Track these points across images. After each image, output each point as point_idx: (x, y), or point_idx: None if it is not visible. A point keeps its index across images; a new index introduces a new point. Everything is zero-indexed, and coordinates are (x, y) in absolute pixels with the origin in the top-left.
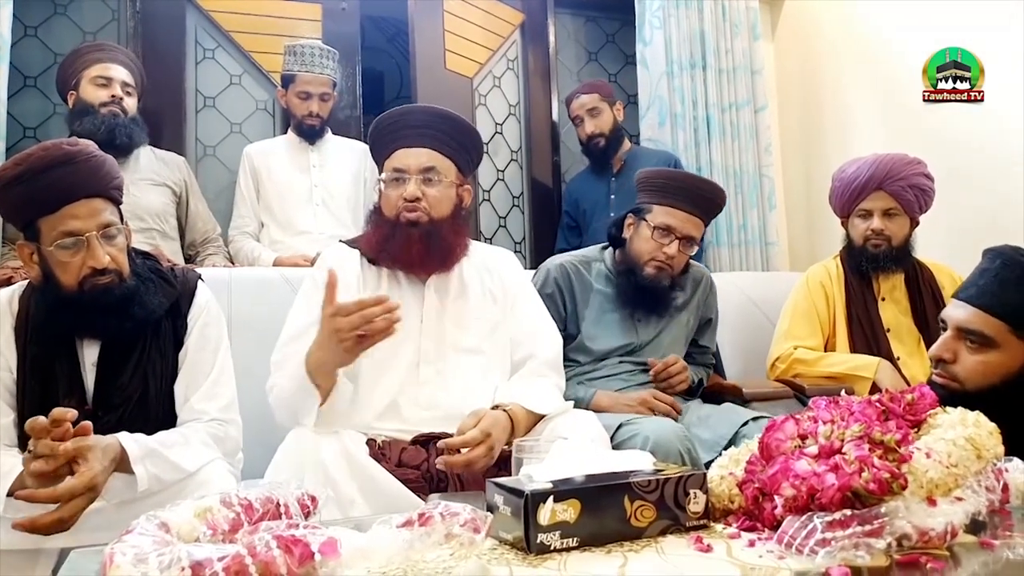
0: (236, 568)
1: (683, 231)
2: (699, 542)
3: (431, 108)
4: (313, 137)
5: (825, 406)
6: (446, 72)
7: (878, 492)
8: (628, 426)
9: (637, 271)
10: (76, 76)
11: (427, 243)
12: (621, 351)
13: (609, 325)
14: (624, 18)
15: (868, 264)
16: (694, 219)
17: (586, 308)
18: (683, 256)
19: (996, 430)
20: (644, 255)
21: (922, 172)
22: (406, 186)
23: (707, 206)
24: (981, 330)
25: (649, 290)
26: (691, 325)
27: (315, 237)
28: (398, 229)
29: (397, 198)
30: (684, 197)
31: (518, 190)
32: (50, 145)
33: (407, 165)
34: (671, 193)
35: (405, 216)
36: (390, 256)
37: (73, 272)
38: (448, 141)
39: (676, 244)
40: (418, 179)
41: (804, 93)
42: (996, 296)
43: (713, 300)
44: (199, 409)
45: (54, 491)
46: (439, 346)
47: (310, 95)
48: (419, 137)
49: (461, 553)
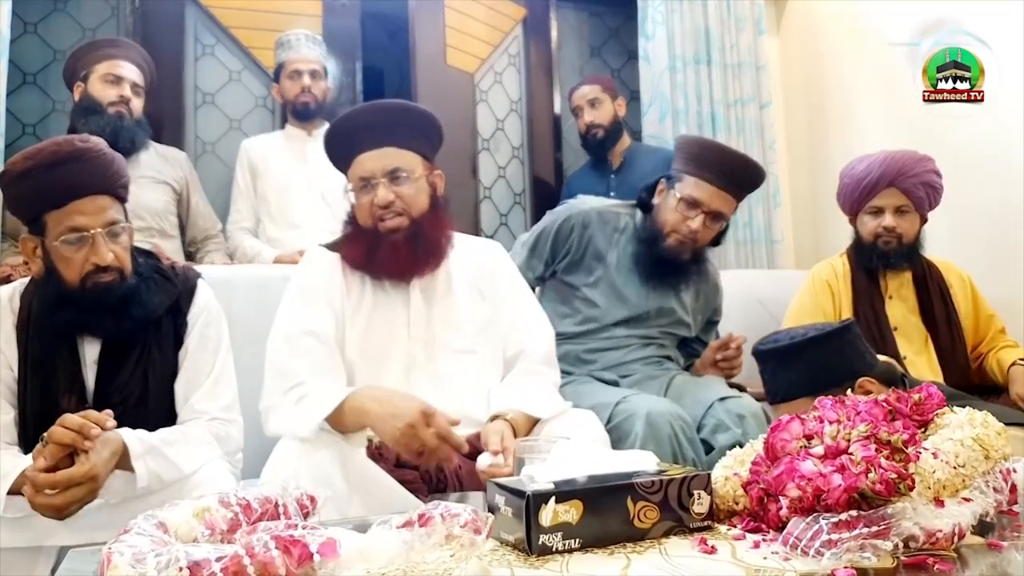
0: (234, 568)
1: (711, 206)
2: (703, 544)
3: (379, 104)
4: (309, 117)
5: (831, 406)
6: (447, 68)
7: (885, 493)
8: (623, 404)
9: (659, 240)
10: (87, 69)
11: (412, 245)
12: (627, 320)
13: (624, 285)
14: (627, 12)
15: (879, 261)
16: (724, 195)
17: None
18: (708, 231)
19: (1004, 430)
20: (668, 225)
21: (932, 169)
22: (376, 191)
23: (741, 182)
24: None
25: (667, 262)
26: (699, 322)
27: (312, 231)
28: (379, 238)
29: (370, 205)
30: (717, 170)
31: (520, 187)
32: (62, 140)
33: (371, 171)
34: (704, 165)
35: (383, 225)
36: (378, 268)
37: (76, 268)
38: (406, 133)
39: (702, 219)
40: (386, 181)
41: (809, 89)
42: (784, 387)
43: (720, 301)
44: (200, 408)
45: (52, 476)
46: (430, 349)
47: (300, 72)
48: (375, 138)
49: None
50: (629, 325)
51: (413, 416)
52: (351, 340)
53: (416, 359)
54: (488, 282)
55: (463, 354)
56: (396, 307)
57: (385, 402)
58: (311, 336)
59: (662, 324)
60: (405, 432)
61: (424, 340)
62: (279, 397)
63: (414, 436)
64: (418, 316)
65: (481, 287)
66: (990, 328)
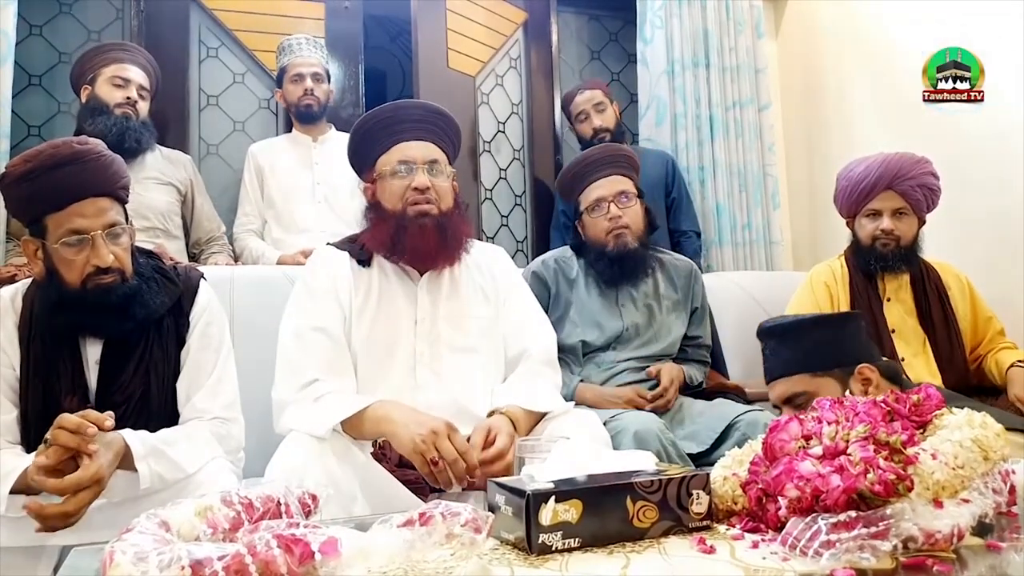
0: (236, 567)
1: (611, 192)
2: (702, 543)
3: (426, 103)
4: (313, 119)
5: (830, 406)
6: (448, 71)
7: (884, 494)
8: (613, 422)
9: (605, 250)
10: (94, 72)
11: (441, 234)
12: (611, 340)
13: (594, 313)
14: (627, 16)
15: (877, 264)
16: (612, 178)
17: (571, 295)
18: (629, 211)
19: (1003, 431)
20: (601, 234)
21: (930, 171)
22: (414, 176)
23: (609, 161)
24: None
25: (622, 258)
26: (684, 320)
27: (317, 235)
28: (409, 221)
29: (404, 189)
30: (587, 172)
31: (520, 189)
32: (60, 143)
33: (414, 157)
34: (579, 180)
35: (415, 208)
36: (403, 250)
37: (77, 270)
38: (442, 135)
39: (613, 205)
40: (425, 168)
41: (808, 91)
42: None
43: (699, 289)
44: (202, 408)
45: (60, 483)
46: (434, 347)
47: (302, 76)
48: (420, 131)
49: (462, 553)
50: (616, 349)
51: (438, 425)
52: (357, 335)
53: (421, 356)
54: (491, 283)
55: (466, 353)
56: (403, 304)
57: (409, 412)
58: (320, 332)
59: (647, 342)
60: (427, 438)
61: (429, 338)
62: (294, 393)
63: (433, 445)
64: (424, 314)
65: (485, 289)
66: (989, 330)
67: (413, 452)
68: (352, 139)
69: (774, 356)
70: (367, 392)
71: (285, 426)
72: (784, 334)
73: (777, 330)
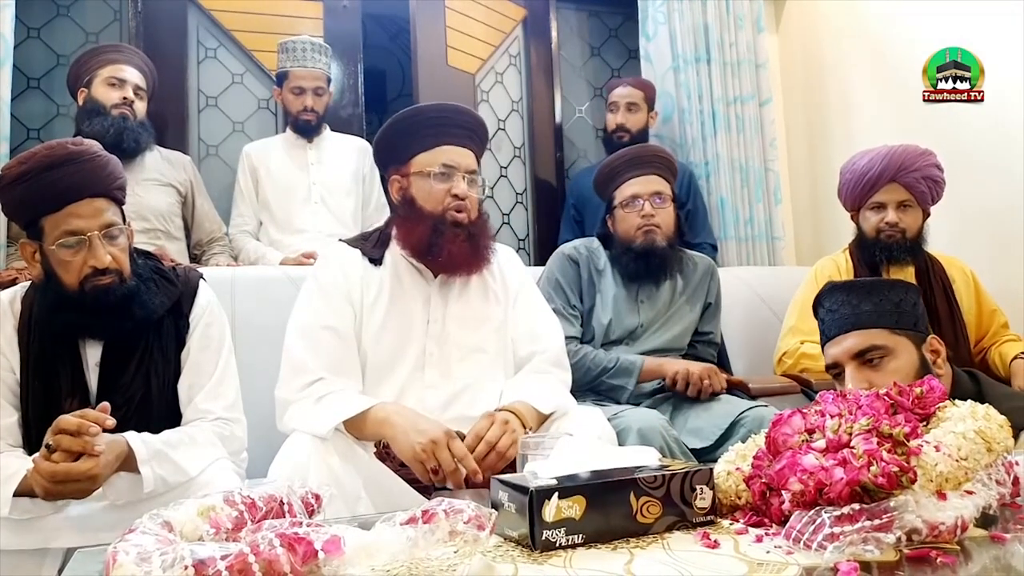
0: (239, 567)
1: (647, 190)
2: (706, 538)
3: (473, 112)
4: (310, 133)
5: (833, 400)
6: (448, 69)
7: (887, 486)
8: (616, 419)
9: (632, 245)
10: (90, 74)
11: (472, 244)
12: (625, 335)
13: (615, 306)
14: (626, 12)
15: (882, 256)
16: (650, 177)
17: (601, 284)
18: (662, 212)
19: (1006, 422)
20: (631, 230)
21: (934, 163)
22: (455, 183)
23: (652, 162)
24: (872, 344)
25: (648, 254)
26: (696, 313)
27: (313, 235)
28: (447, 227)
29: (445, 193)
30: (626, 168)
31: (521, 187)
32: (55, 144)
33: (457, 163)
34: (617, 174)
35: (454, 216)
36: (440, 252)
37: (74, 271)
38: (480, 147)
39: (647, 204)
40: (465, 177)
41: (809, 86)
42: (858, 315)
43: (714, 286)
44: (204, 408)
45: (54, 467)
46: (444, 347)
47: (303, 90)
48: (466, 138)
49: (465, 550)
50: (628, 344)
51: (436, 433)
52: (368, 334)
53: (431, 356)
54: (501, 285)
55: (475, 352)
56: (415, 304)
57: (410, 418)
58: (329, 331)
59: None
60: (426, 447)
61: (439, 338)
62: (297, 392)
63: (433, 454)
64: (436, 313)
65: (495, 289)
66: (993, 323)
67: (413, 460)
68: (390, 128)
69: (851, 309)
70: (375, 391)
71: (288, 425)
72: (869, 289)
73: (858, 284)
